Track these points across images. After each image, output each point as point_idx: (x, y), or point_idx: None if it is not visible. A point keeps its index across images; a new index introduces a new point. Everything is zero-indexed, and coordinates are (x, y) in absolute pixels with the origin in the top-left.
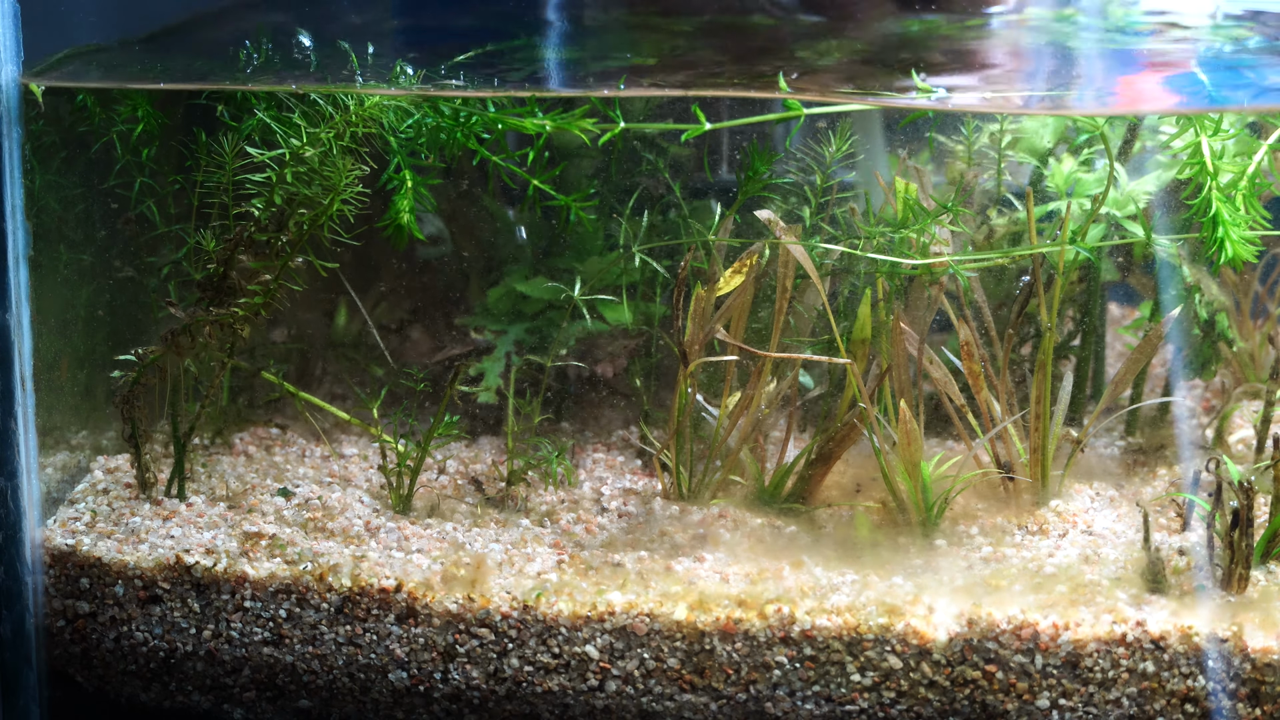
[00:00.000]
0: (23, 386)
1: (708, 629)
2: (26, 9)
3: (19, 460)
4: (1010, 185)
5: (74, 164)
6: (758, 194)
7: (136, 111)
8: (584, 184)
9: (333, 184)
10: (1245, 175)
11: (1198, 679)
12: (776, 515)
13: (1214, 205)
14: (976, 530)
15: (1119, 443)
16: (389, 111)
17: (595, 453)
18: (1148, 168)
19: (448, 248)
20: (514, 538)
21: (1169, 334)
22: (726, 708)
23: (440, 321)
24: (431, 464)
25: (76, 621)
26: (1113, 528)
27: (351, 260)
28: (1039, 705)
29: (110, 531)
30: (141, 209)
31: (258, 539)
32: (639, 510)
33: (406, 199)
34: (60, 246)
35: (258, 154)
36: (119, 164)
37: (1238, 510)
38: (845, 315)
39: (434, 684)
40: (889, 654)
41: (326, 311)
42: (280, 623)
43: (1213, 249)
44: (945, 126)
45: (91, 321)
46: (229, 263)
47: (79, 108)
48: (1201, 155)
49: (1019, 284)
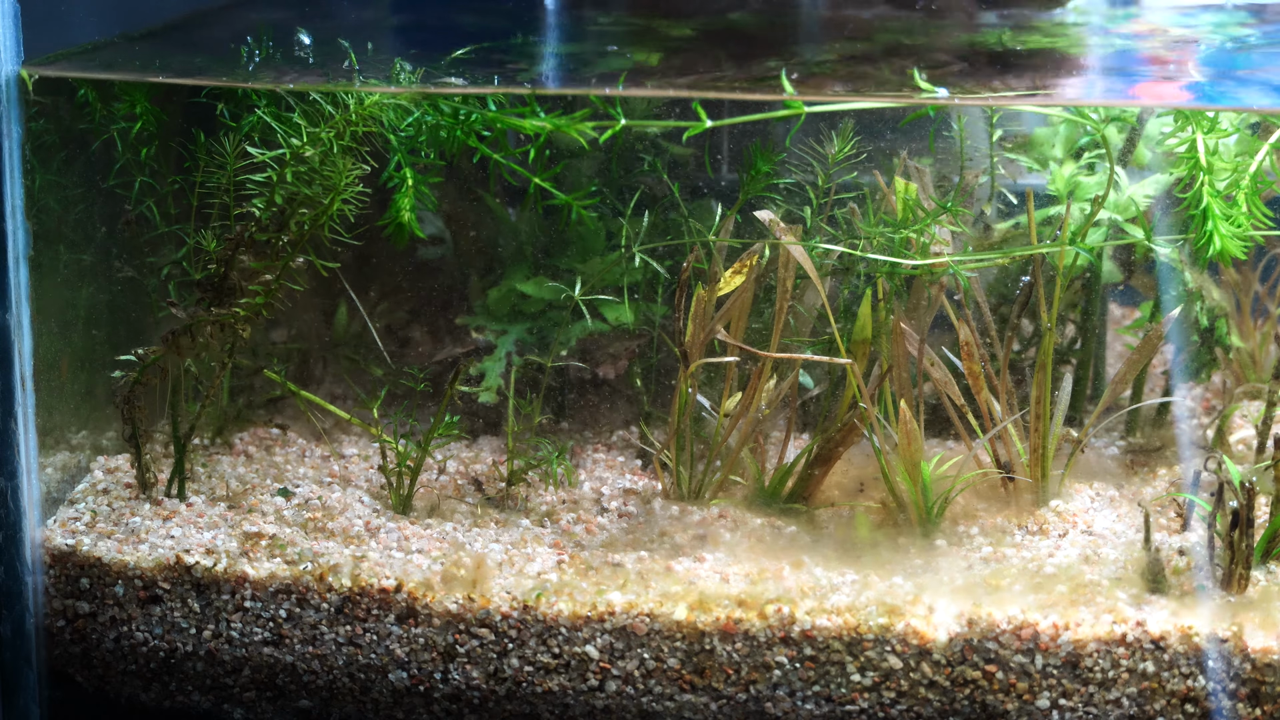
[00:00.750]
0: (23, 386)
1: (708, 629)
2: (26, 8)
3: (19, 460)
4: (1011, 185)
5: (74, 163)
6: (760, 194)
7: (135, 108)
8: (584, 183)
9: (333, 184)
10: (1247, 174)
11: (1198, 679)
12: (776, 515)
13: (1205, 199)
14: (976, 530)
15: (1119, 443)
16: (389, 110)
17: (595, 453)
18: (1146, 173)
19: (448, 247)
20: (514, 538)
21: (1169, 334)
22: (726, 708)
23: (440, 321)
24: (431, 464)
25: (76, 621)
26: (1113, 528)
27: (352, 260)
28: (1039, 705)
29: (110, 531)
30: (142, 209)
31: (258, 539)
32: (639, 510)
33: (407, 197)
34: (60, 246)
35: (258, 154)
36: (119, 163)
37: (1238, 510)
38: (846, 316)
39: (434, 684)
40: (889, 654)
41: (326, 311)
42: (280, 623)
43: (1202, 242)
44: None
45: (91, 321)
46: (230, 263)
47: (79, 105)
48: (1196, 151)
49: (1020, 284)
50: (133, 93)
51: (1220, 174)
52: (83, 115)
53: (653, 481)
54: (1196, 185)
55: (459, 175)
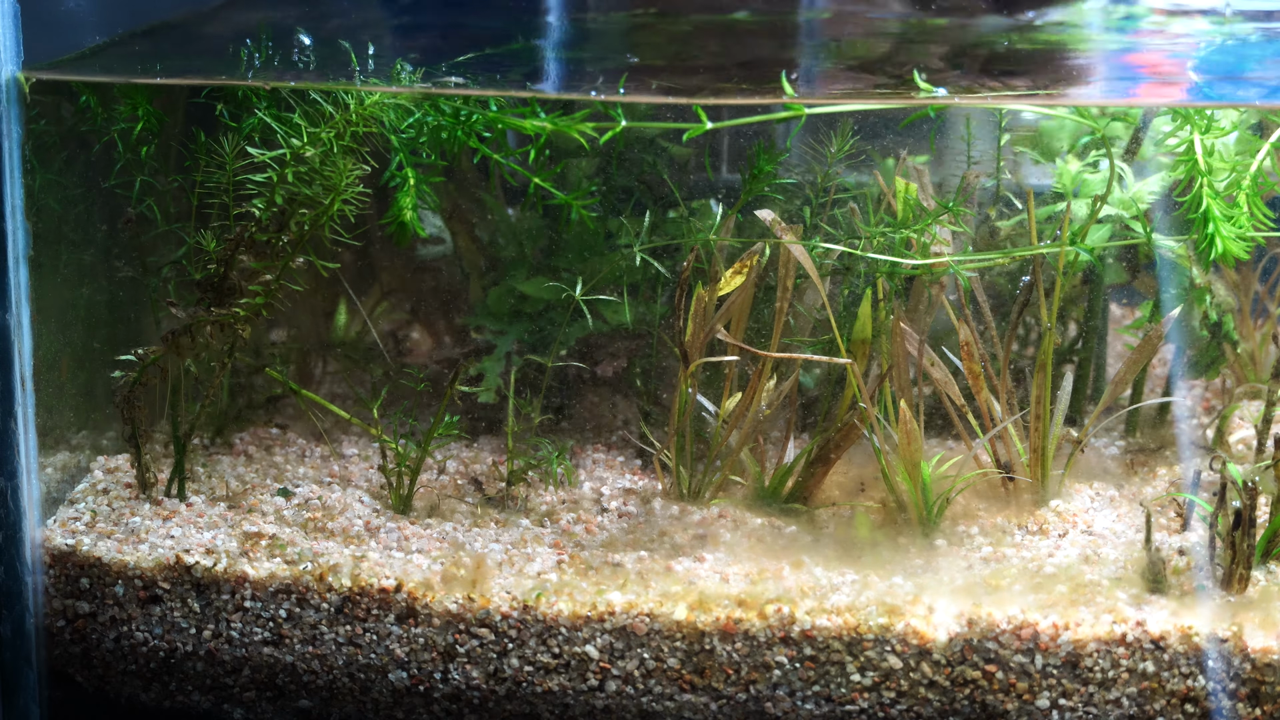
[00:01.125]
0: (23, 386)
1: (708, 629)
2: (26, 8)
3: (19, 460)
4: (1017, 188)
5: (74, 163)
6: (761, 193)
7: (136, 110)
8: (584, 184)
9: (333, 184)
10: (1247, 174)
11: (1198, 679)
12: (776, 515)
13: (1204, 201)
14: (976, 530)
15: (1119, 443)
16: (389, 110)
17: (595, 453)
18: (1150, 169)
19: (448, 247)
20: (514, 538)
21: (1169, 334)
22: (726, 708)
23: (440, 321)
24: (431, 464)
25: (76, 621)
26: (1113, 528)
27: (351, 260)
28: (1039, 705)
29: (110, 531)
30: (142, 209)
31: (258, 539)
32: (639, 510)
33: (409, 196)
34: (60, 247)
35: (258, 154)
36: (119, 163)
37: (1240, 510)
38: (846, 315)
39: (434, 684)
40: (889, 654)
41: (326, 312)
42: (280, 623)
43: (1203, 246)
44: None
45: (91, 321)
46: (230, 263)
47: (81, 109)
48: (1194, 152)
49: (1020, 284)
50: (133, 94)
51: (1219, 174)
52: (84, 117)
53: (653, 481)
54: (1196, 187)
55: (459, 175)
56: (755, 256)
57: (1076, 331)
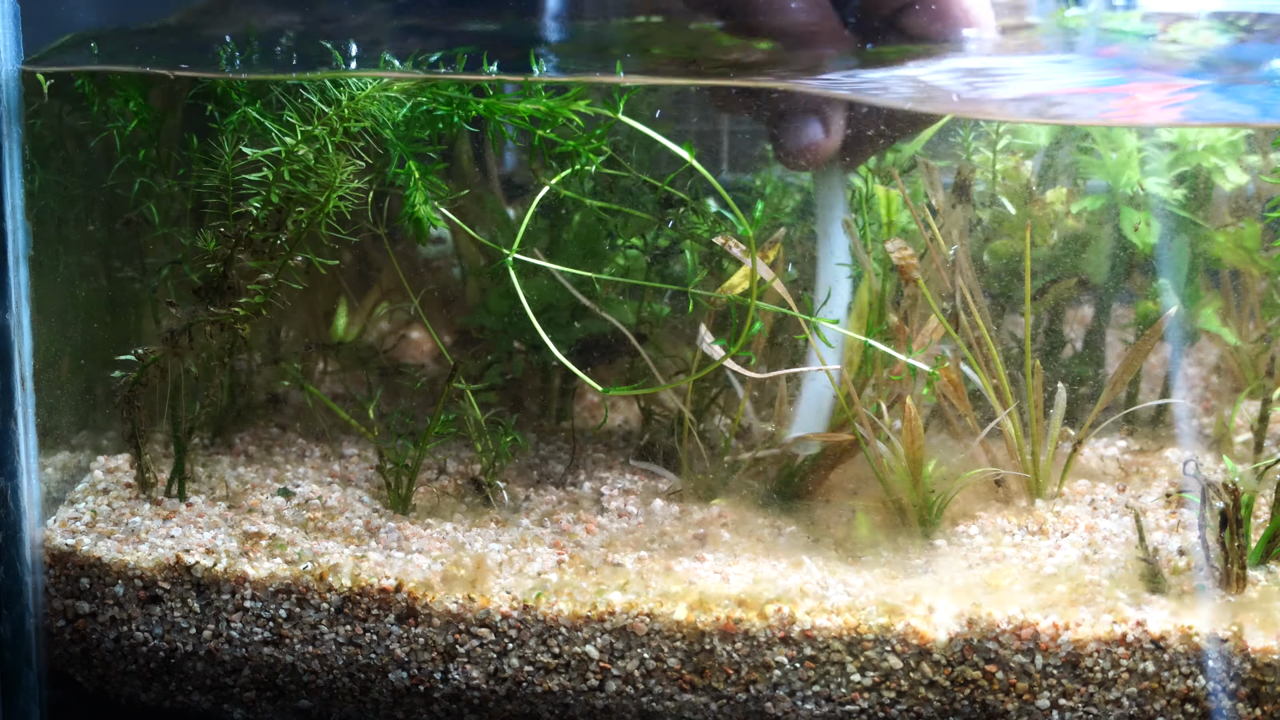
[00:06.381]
0: (23, 386)
1: (708, 629)
2: (26, 8)
3: (19, 460)
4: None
5: (74, 163)
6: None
7: (129, 104)
8: (586, 183)
9: (328, 181)
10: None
11: (1198, 679)
12: (777, 515)
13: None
14: (976, 530)
15: (1119, 442)
16: (381, 103)
17: (595, 453)
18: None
19: (448, 246)
20: (514, 538)
21: (1167, 333)
22: (726, 708)
23: (440, 320)
24: (431, 464)
25: (76, 621)
26: (1113, 528)
27: (351, 260)
28: (1039, 705)
29: (110, 531)
30: (141, 209)
31: (258, 539)
32: (639, 510)
33: (419, 191)
34: (60, 247)
35: (252, 152)
36: (118, 163)
37: (1224, 511)
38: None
39: (434, 684)
40: (889, 654)
41: (326, 312)
42: (280, 623)
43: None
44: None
45: (91, 321)
46: (228, 262)
47: (76, 94)
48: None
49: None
50: (127, 88)
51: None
52: (81, 108)
53: (653, 481)
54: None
55: (459, 174)
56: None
57: (1076, 331)
